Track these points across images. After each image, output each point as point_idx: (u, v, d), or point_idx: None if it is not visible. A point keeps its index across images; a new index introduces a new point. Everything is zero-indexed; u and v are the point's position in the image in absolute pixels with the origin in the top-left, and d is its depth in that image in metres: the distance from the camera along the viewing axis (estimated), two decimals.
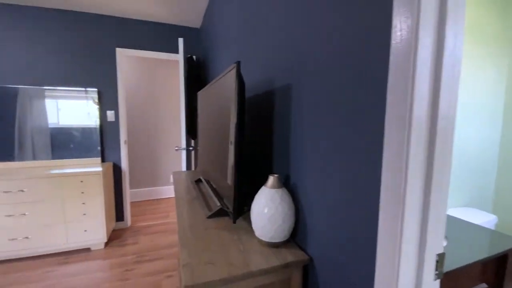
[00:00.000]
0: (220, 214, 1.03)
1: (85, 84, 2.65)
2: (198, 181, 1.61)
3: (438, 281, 0.52)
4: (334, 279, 0.65)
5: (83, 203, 2.31)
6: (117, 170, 2.83)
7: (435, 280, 0.51)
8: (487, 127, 1.95)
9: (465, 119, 1.86)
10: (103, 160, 2.76)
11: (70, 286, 1.89)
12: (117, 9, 2.54)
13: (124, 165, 2.85)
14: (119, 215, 2.89)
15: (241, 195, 0.89)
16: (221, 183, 1.07)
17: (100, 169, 2.37)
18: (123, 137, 2.82)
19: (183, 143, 2.45)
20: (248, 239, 0.84)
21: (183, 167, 2.54)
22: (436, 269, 0.51)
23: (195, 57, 2.97)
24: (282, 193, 0.78)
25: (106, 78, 2.71)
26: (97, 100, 2.67)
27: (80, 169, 2.38)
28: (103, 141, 2.75)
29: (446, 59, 0.46)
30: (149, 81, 3.81)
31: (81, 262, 2.21)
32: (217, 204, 1.09)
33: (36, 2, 2.36)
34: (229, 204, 0.94)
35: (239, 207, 0.91)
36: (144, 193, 3.90)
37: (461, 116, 1.84)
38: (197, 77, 2.86)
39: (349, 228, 0.59)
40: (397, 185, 0.47)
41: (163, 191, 4.01)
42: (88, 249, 2.41)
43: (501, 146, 2.02)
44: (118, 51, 2.71)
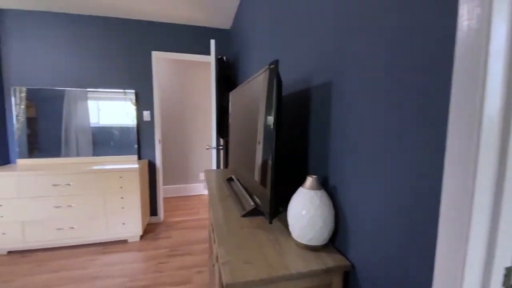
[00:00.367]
0: (254, 213, 1.03)
1: (124, 85, 2.82)
2: (229, 180, 1.63)
3: None
4: None
5: (122, 198, 2.46)
6: (151, 167, 2.98)
7: None
8: None
9: None
10: (139, 157, 2.92)
11: (110, 275, 2.02)
12: (153, 14, 2.66)
13: (158, 162, 2.99)
14: (153, 210, 3.04)
15: (277, 196, 0.88)
16: (253, 182, 1.07)
17: (137, 166, 2.51)
18: (157, 136, 2.95)
19: (214, 142, 2.50)
20: (284, 240, 0.82)
21: (213, 166, 2.60)
22: (503, 283, 0.46)
23: (225, 58, 3.02)
24: (321, 195, 0.75)
25: (142, 80, 2.86)
26: (134, 101, 2.84)
27: (118, 165, 2.54)
28: (139, 140, 2.91)
29: None
30: (180, 82, 3.95)
31: (119, 253, 2.36)
32: (250, 203, 1.10)
33: (80, 10, 2.56)
34: (263, 203, 0.94)
35: (275, 208, 0.90)
36: (175, 189, 4.06)
37: None
38: (226, 78, 2.90)
39: (402, 236, 0.55)
40: (463, 193, 0.42)
41: (193, 188, 4.14)
42: (125, 241, 2.57)
43: None
44: (154, 54, 2.85)
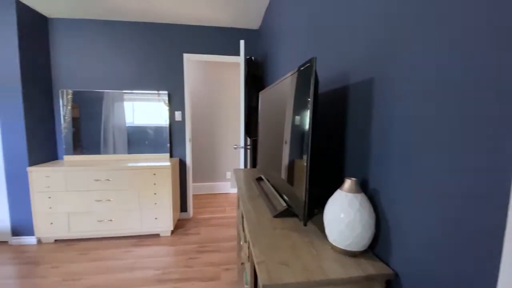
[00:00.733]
0: (286, 214, 1.02)
1: (157, 87, 2.96)
2: (259, 179, 1.63)
3: None
4: None
5: (155, 194, 2.59)
6: (182, 165, 3.09)
7: None
8: None
9: None
10: (171, 155, 3.05)
11: (145, 266, 2.13)
12: (184, 18, 2.75)
13: (188, 160, 3.09)
14: (183, 206, 3.15)
15: (311, 198, 0.86)
16: (285, 183, 1.05)
17: (169, 163, 2.62)
18: (188, 135, 3.06)
19: (242, 142, 2.52)
20: (320, 244, 0.80)
21: (241, 165, 2.62)
22: None
23: (253, 58, 3.03)
24: (361, 198, 0.72)
25: (174, 81, 2.98)
26: (167, 101, 2.96)
27: (152, 163, 2.67)
28: (171, 139, 3.03)
29: None
30: (208, 82, 4.05)
31: (152, 246, 2.48)
32: (282, 204, 1.08)
33: (118, 16, 2.73)
34: (296, 205, 0.92)
35: (309, 210, 0.88)
36: (202, 187, 4.17)
37: None
38: (253, 77, 2.91)
39: (457, 250, 0.50)
40: None
41: (219, 187, 4.23)
42: (157, 235, 2.69)
43: None
44: (185, 56, 2.95)
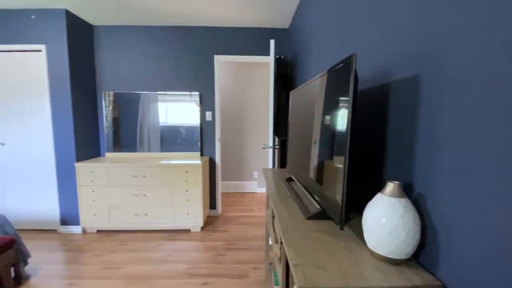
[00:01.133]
0: (320, 217, 1.00)
1: (189, 88, 3.06)
2: (289, 180, 1.61)
3: None
4: None
5: (186, 190, 2.69)
6: (212, 163, 3.17)
7: None
8: None
9: None
10: (201, 154, 3.14)
11: (177, 260, 2.23)
12: (214, 20, 2.82)
13: (217, 159, 3.17)
14: (212, 203, 3.24)
15: (349, 201, 0.83)
16: (318, 185, 1.03)
17: (199, 162, 2.70)
18: (217, 134, 3.13)
19: (271, 141, 2.52)
20: (357, 249, 0.77)
21: (269, 165, 2.62)
22: None
23: (282, 57, 3.01)
24: (405, 203, 0.67)
25: (205, 82, 3.07)
26: (199, 102, 3.06)
27: (184, 161, 2.78)
28: (202, 138, 3.13)
29: None
30: (237, 82, 4.10)
31: (183, 240, 2.58)
32: (316, 206, 1.06)
33: (152, 21, 2.87)
34: (331, 208, 0.89)
35: (346, 213, 0.85)
36: (230, 185, 4.25)
37: None
38: (282, 77, 2.89)
39: None
40: None
41: (246, 186, 4.27)
42: (188, 230, 2.80)
43: None
44: (216, 57, 3.02)
